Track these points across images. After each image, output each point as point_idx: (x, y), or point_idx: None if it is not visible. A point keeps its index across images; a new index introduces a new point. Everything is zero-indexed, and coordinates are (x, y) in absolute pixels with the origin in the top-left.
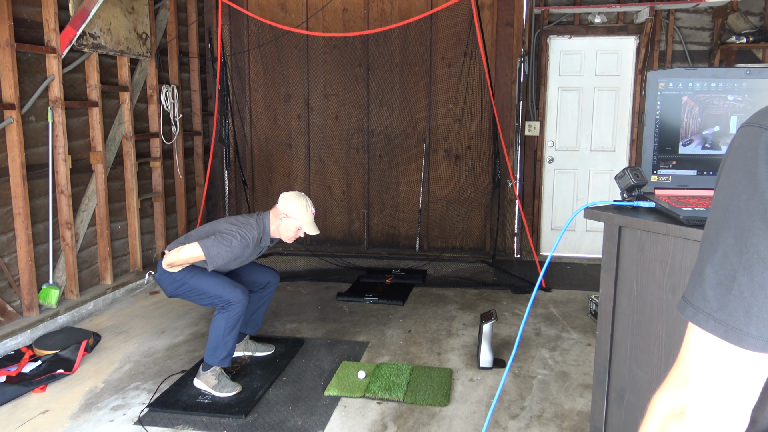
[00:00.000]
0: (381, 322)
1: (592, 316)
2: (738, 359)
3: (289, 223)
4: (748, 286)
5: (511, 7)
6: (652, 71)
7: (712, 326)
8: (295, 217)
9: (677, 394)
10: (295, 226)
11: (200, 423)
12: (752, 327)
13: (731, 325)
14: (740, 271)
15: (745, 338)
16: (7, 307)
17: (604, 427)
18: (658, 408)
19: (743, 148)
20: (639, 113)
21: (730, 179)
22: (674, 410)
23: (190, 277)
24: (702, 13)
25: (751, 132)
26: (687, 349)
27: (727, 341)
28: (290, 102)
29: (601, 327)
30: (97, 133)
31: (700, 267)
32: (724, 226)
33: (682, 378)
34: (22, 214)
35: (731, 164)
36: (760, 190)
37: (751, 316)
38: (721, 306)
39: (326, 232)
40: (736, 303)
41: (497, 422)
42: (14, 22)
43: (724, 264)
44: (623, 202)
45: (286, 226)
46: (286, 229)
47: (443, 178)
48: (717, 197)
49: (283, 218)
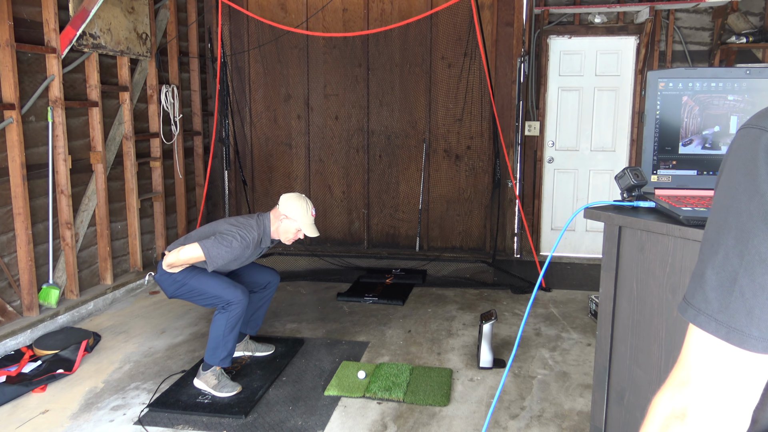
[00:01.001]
0: (381, 322)
1: (592, 316)
2: (739, 361)
3: (289, 225)
4: (749, 288)
5: (511, 7)
6: (652, 71)
7: (714, 328)
8: (296, 219)
9: (678, 396)
10: (295, 227)
11: (200, 423)
12: (754, 328)
13: (732, 326)
14: (741, 272)
15: (747, 339)
16: (7, 307)
17: (604, 427)
18: (659, 409)
19: (743, 149)
20: (639, 113)
21: (731, 181)
22: (675, 411)
23: (191, 278)
24: (702, 13)
25: (751, 134)
26: (688, 351)
27: (729, 343)
28: (290, 102)
29: (601, 327)
30: (97, 133)
31: (701, 268)
32: (724, 227)
33: (683, 379)
34: (22, 214)
35: (731, 166)
36: (761, 192)
37: (753, 318)
38: (722, 307)
39: (326, 232)
40: (737, 304)
41: (497, 422)
42: (14, 22)
43: (725, 265)
44: (623, 202)
45: (285, 228)
46: (285, 230)
47: (443, 178)
48: (717, 199)
49: (283, 219)
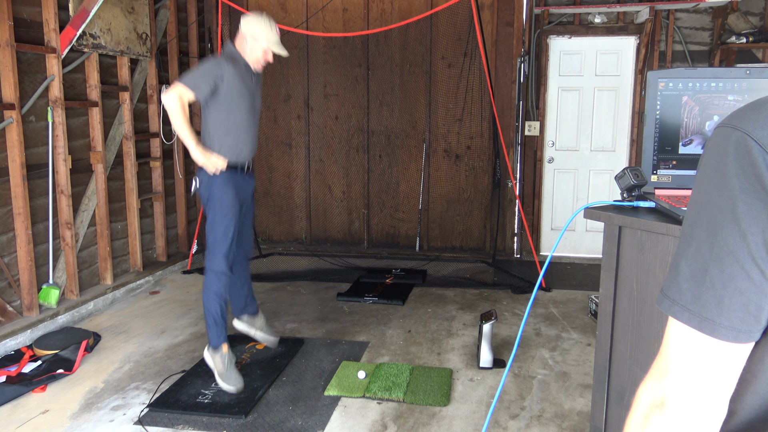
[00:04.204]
0: (381, 322)
1: (592, 316)
2: (712, 349)
3: (255, 46)
4: (719, 278)
5: (511, 7)
6: (652, 71)
7: (687, 317)
8: (259, 37)
9: (658, 386)
10: (262, 47)
11: (200, 423)
12: (724, 318)
13: (704, 316)
14: (711, 263)
15: (718, 329)
16: (7, 307)
17: (604, 427)
18: (641, 399)
19: (715, 147)
20: (639, 113)
21: (704, 177)
22: (655, 401)
23: (219, 203)
24: (702, 13)
25: (724, 132)
26: (666, 341)
27: (701, 332)
28: (290, 102)
29: (601, 327)
30: (97, 133)
31: (676, 261)
32: (697, 221)
33: (662, 369)
34: (22, 214)
35: (705, 163)
36: (729, 187)
37: (723, 307)
38: (694, 298)
39: (326, 232)
40: (708, 295)
41: (497, 422)
42: (14, 22)
43: (697, 258)
44: (623, 202)
45: (252, 49)
46: (252, 50)
47: (443, 178)
48: (692, 195)
49: (249, 41)
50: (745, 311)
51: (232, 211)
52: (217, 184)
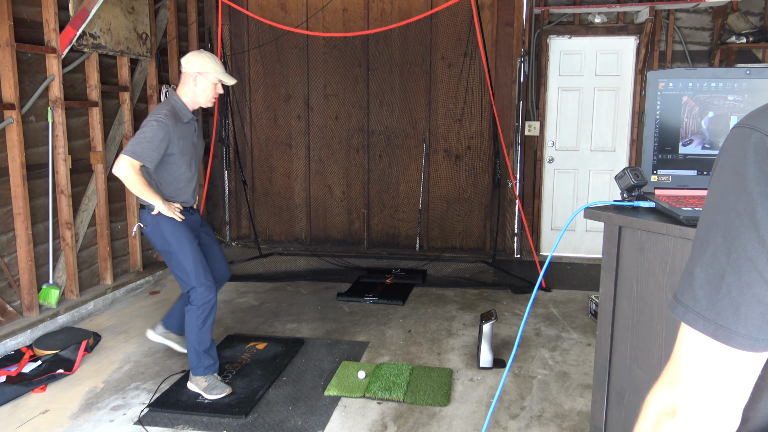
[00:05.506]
0: (381, 322)
1: (592, 316)
2: (727, 358)
3: (204, 81)
4: (736, 285)
5: (511, 7)
6: (652, 71)
7: (702, 325)
8: (207, 72)
9: (669, 393)
10: (211, 81)
11: (200, 423)
12: (740, 326)
13: (720, 323)
14: (728, 270)
15: (734, 337)
16: (7, 307)
17: (604, 427)
18: (651, 406)
19: (734, 148)
20: (639, 113)
21: (721, 180)
22: (666, 409)
23: (175, 239)
24: (702, 13)
25: (742, 133)
26: (679, 348)
27: (716, 340)
28: (290, 102)
29: (601, 327)
30: (97, 133)
31: (691, 266)
32: (713, 226)
33: (674, 377)
34: (22, 214)
35: (722, 165)
36: (748, 191)
37: (739, 315)
38: (710, 305)
39: (326, 232)
40: (724, 302)
41: (497, 422)
42: (14, 22)
43: (713, 263)
44: (623, 202)
45: (202, 86)
46: (203, 89)
47: (443, 178)
48: (708, 198)
49: (197, 79)
50: (763, 319)
51: (188, 236)
52: (164, 220)
